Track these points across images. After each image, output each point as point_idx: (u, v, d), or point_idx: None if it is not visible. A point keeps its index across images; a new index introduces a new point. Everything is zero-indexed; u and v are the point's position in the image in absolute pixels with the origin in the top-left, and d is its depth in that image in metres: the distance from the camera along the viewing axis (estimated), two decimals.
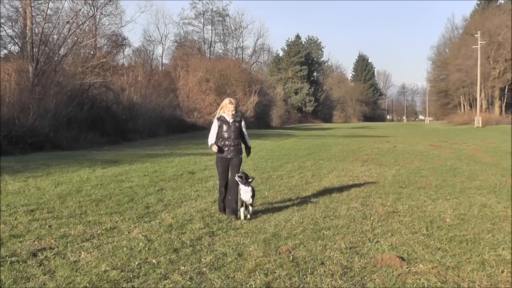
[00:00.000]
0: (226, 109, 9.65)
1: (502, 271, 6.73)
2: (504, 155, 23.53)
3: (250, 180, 9.35)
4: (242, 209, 9.51)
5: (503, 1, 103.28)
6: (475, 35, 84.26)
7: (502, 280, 6.40)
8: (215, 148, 9.79)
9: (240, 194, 9.52)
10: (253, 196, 9.55)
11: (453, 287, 6.16)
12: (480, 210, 10.63)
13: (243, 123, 9.97)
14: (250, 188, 9.36)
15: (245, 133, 10.08)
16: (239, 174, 9.38)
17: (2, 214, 9.98)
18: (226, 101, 9.71)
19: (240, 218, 9.53)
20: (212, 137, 9.83)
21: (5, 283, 6.09)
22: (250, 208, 9.57)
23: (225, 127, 9.63)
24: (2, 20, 33.84)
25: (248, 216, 9.67)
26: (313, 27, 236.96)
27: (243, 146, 10.31)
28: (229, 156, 9.71)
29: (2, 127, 24.73)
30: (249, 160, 16.88)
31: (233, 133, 9.68)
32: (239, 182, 9.41)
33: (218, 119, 9.81)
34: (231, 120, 9.67)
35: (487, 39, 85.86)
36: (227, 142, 9.66)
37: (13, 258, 7.11)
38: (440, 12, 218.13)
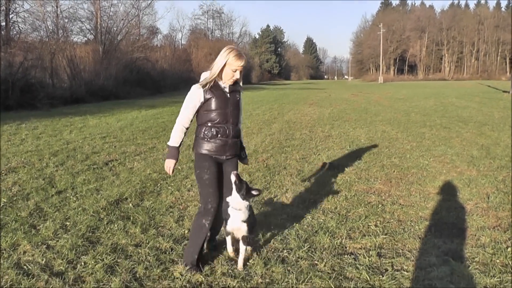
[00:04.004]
0: (231, 68, 3.26)
1: (394, 171, 6.81)
2: (396, 100, 23.51)
3: (254, 192, 3.42)
4: (229, 244, 3.60)
5: (395, 4, 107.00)
6: (379, 26, 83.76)
7: (394, 177, 6.48)
8: (170, 163, 3.40)
9: (228, 216, 3.41)
10: (251, 225, 3.46)
11: (364, 181, 6.23)
12: (381, 134, 10.68)
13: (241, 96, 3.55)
14: (246, 205, 3.37)
15: (241, 113, 3.58)
16: (235, 172, 3.37)
17: (86, 139, 9.82)
18: (233, 53, 3.25)
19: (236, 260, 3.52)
20: (180, 123, 3.41)
21: (90, 181, 6.15)
22: (243, 249, 3.44)
23: (217, 102, 3.31)
24: (83, 19, 34.83)
25: (240, 263, 3.44)
26: (278, 19, 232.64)
27: None
28: (223, 157, 3.43)
29: (85, 87, 24.80)
30: None
31: (234, 112, 3.40)
32: (233, 187, 3.32)
33: (204, 87, 3.33)
34: (228, 90, 3.38)
35: (386, 28, 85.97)
36: (221, 130, 3.34)
37: (94, 166, 7.15)
38: (358, 11, 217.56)
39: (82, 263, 3.53)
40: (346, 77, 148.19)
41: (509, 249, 3.87)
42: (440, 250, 3.86)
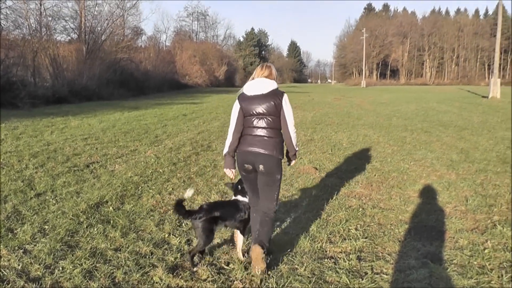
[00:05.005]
0: None
1: (375, 175, 6.85)
2: (378, 105, 23.73)
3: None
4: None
5: (378, 10, 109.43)
6: (362, 31, 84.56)
7: (375, 180, 6.52)
8: None
9: None
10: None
11: (345, 185, 6.25)
12: (363, 138, 10.74)
13: None
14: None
15: None
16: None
17: (67, 141, 9.64)
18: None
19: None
20: None
21: (70, 183, 6.04)
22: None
23: None
24: (67, 18, 33.90)
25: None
26: (262, 23, 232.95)
27: None
28: None
29: (68, 86, 24.37)
30: (223, 107, 16.23)
31: None
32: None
33: None
34: None
35: (369, 33, 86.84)
36: None
37: (75, 168, 7.03)
38: (341, 15, 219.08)
39: (60, 268, 3.45)
40: (329, 81, 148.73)
41: (486, 250, 3.93)
42: (419, 253, 3.89)
